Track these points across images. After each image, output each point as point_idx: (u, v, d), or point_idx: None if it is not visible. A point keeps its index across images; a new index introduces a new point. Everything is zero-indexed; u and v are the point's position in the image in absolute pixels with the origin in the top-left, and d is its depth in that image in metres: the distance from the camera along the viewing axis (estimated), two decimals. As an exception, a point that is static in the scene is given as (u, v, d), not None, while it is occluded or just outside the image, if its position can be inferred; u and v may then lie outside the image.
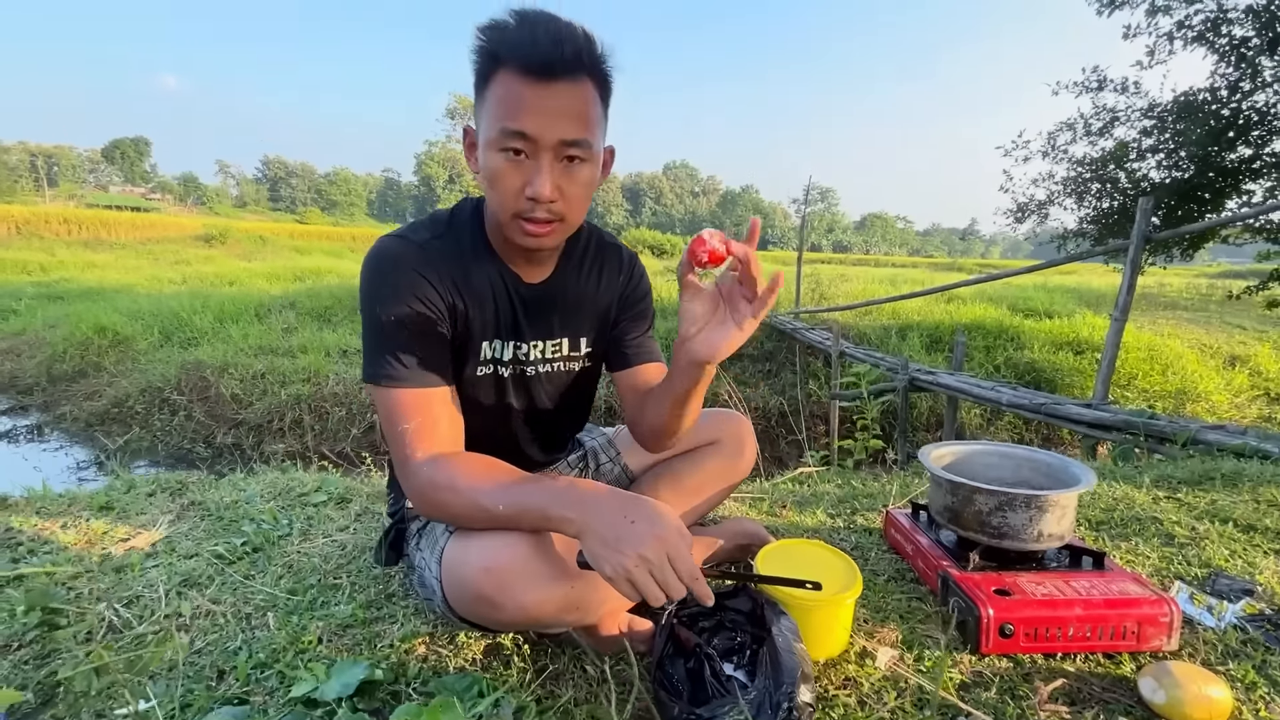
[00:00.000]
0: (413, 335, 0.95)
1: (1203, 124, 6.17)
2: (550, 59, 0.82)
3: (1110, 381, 3.78)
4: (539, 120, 0.84)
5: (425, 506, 0.94)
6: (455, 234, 1.01)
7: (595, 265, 1.14)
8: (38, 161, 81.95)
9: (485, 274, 1.01)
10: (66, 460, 6.27)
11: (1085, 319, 10.11)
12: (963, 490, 1.25)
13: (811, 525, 1.66)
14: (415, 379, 0.95)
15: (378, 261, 0.96)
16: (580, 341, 1.15)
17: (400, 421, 0.94)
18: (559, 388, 1.17)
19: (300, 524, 1.65)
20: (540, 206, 0.88)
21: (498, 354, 1.06)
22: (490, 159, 0.87)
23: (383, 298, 0.94)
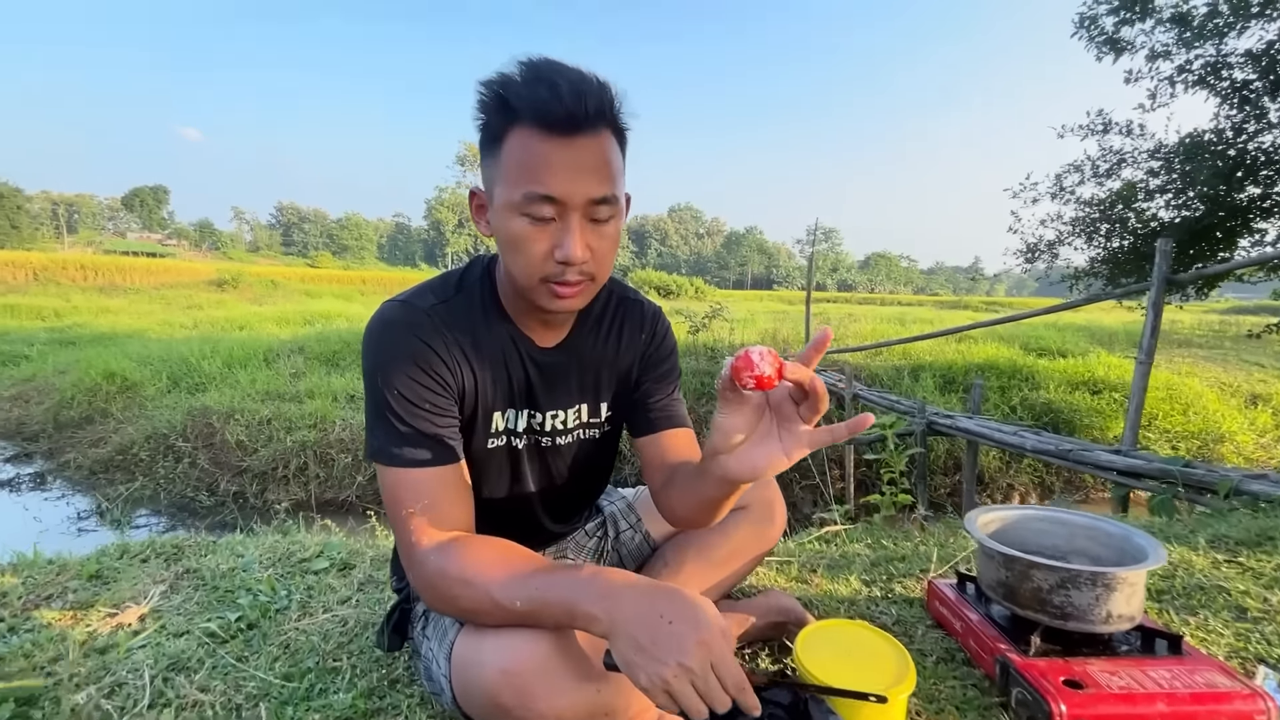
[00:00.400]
0: (419, 409, 0.88)
1: (1210, 164, 6.18)
2: (573, 112, 0.76)
3: (1138, 427, 3.65)
4: (566, 180, 0.78)
5: (434, 600, 0.85)
6: (465, 297, 0.95)
7: (615, 324, 1.07)
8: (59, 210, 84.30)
9: (497, 339, 0.95)
10: (68, 510, 6.16)
11: (1100, 358, 9.97)
12: (1018, 565, 1.15)
13: (846, 595, 1.55)
14: (421, 457, 0.87)
15: (381, 330, 0.89)
16: (600, 406, 1.07)
17: (405, 504, 0.86)
18: (578, 457, 1.10)
19: (300, 595, 1.55)
20: (571, 269, 0.83)
21: (511, 425, 1.00)
22: (512, 224, 0.81)
23: (386, 369, 0.87)
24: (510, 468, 1.04)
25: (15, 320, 15.90)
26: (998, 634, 1.18)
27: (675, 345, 1.14)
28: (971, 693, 1.13)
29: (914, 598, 1.52)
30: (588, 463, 1.12)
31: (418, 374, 0.87)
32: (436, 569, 0.83)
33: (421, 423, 0.87)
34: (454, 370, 0.91)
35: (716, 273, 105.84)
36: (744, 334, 11.60)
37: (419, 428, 0.87)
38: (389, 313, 0.90)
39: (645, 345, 1.09)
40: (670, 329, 1.15)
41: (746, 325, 13.21)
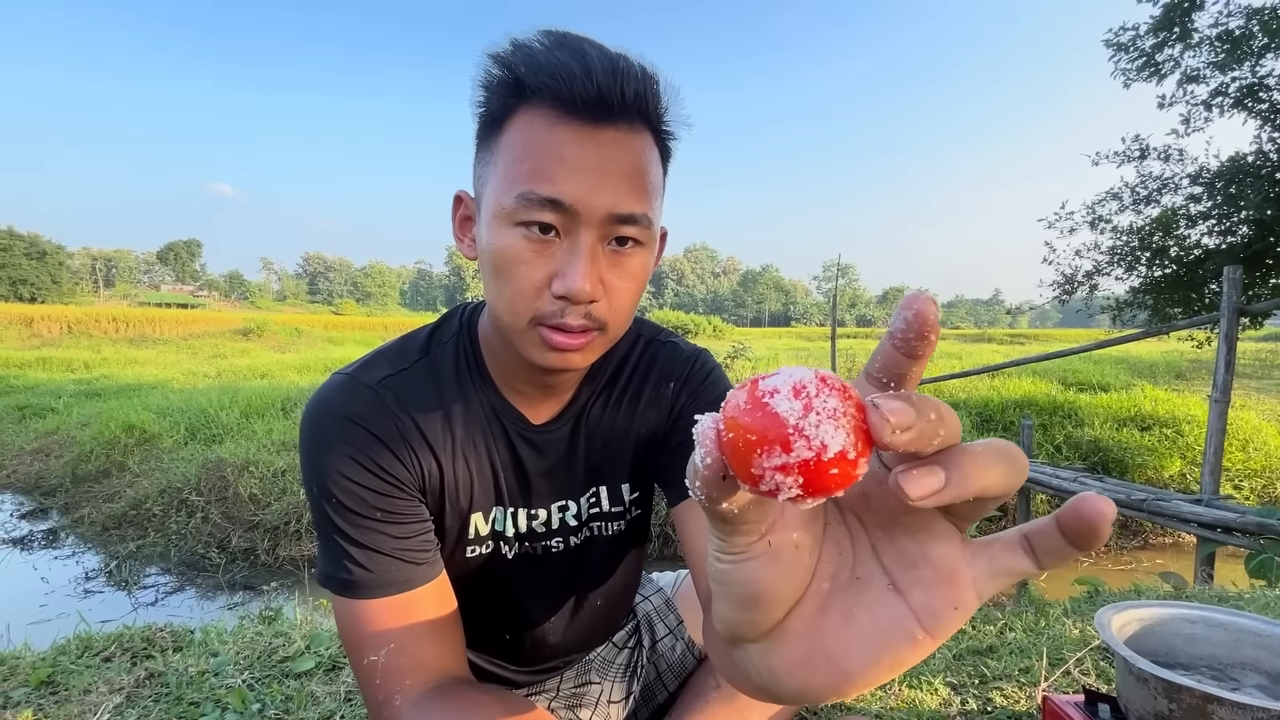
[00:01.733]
0: (367, 521, 0.65)
1: (1257, 188, 5.90)
2: (604, 93, 0.55)
3: (1220, 473, 3.30)
4: (582, 181, 0.56)
5: None
6: (430, 363, 0.71)
7: (637, 376, 0.79)
8: (97, 265, 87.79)
9: (474, 416, 0.71)
10: (76, 570, 5.99)
11: (1146, 391, 9.50)
12: (1188, 696, 0.86)
13: (934, 707, 1.26)
14: (383, 585, 0.64)
15: (314, 418, 0.67)
16: (622, 490, 0.80)
17: (367, 649, 0.63)
18: (595, 560, 0.83)
19: (275, 710, 1.30)
20: (574, 309, 0.59)
21: (499, 527, 0.75)
22: (500, 237, 0.58)
23: (320, 471, 0.64)
24: (499, 583, 0.78)
25: (46, 373, 16.18)
26: (1162, 787, 0.89)
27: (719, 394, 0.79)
28: None
29: (1022, 712, 1.23)
30: (610, 566, 0.85)
31: (360, 474, 0.64)
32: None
33: (374, 538, 0.64)
34: (409, 464, 0.67)
35: (734, 311, 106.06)
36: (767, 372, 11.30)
37: (373, 545, 0.64)
38: (327, 395, 0.68)
39: (676, 395, 0.79)
40: (718, 371, 0.83)
41: (770, 364, 12.93)
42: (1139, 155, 6.39)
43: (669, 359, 0.81)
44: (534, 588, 0.80)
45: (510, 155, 0.57)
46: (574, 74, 0.54)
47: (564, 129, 0.56)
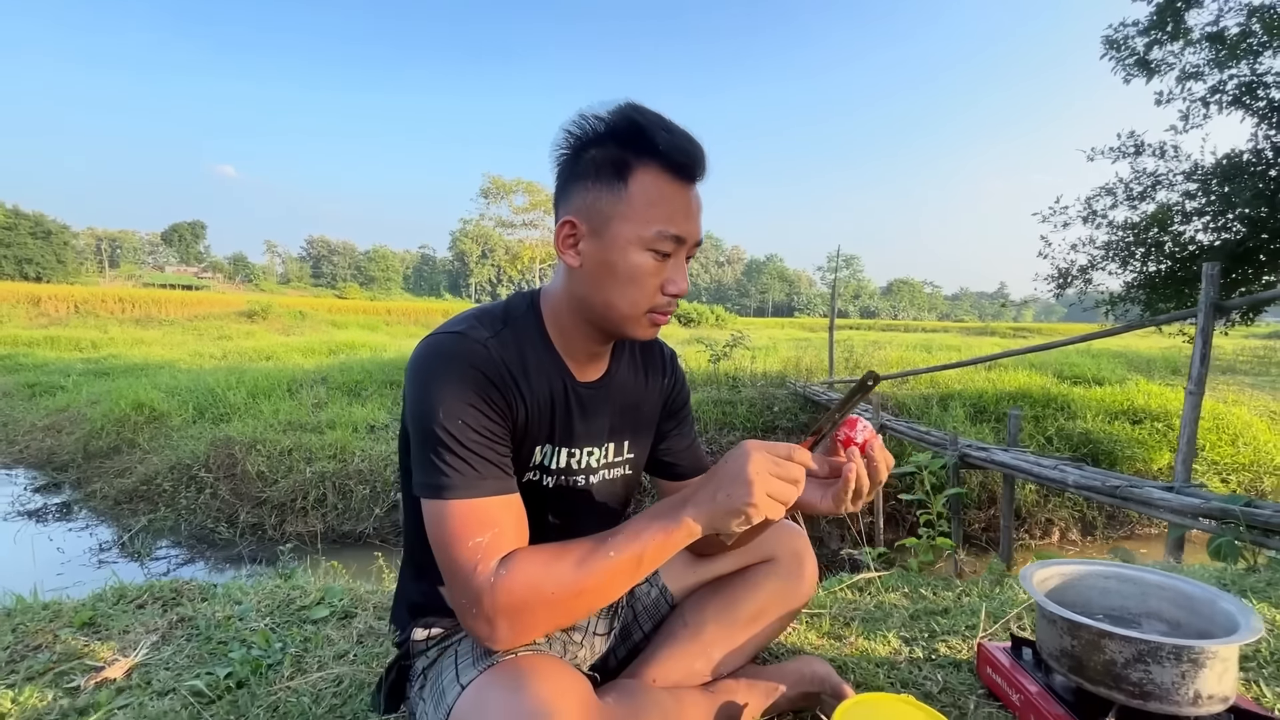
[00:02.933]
0: (484, 438, 0.83)
1: (1250, 185, 5.96)
2: (699, 163, 0.85)
3: (1192, 461, 3.43)
4: (690, 223, 0.85)
5: (511, 613, 0.77)
6: (514, 331, 0.91)
7: (642, 361, 1.07)
8: (102, 245, 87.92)
9: (545, 372, 0.93)
10: (90, 541, 6.19)
11: (1139, 385, 9.61)
12: (1086, 633, 1.01)
13: (885, 655, 1.40)
14: (488, 486, 0.82)
15: (437, 362, 0.84)
16: (625, 445, 1.04)
17: (472, 535, 0.79)
18: (602, 500, 1.04)
19: (295, 648, 1.46)
20: (674, 301, 0.89)
21: (546, 461, 0.95)
22: (636, 258, 0.85)
23: (446, 401, 0.82)
24: (536, 508, 0.96)
25: (55, 351, 16.39)
26: (1064, 713, 1.03)
27: (689, 390, 1.18)
28: (1037, 782, 0.99)
29: (962, 660, 1.37)
30: (609, 504, 1.06)
31: (481, 404, 0.84)
32: (509, 578, 0.77)
33: (487, 451, 0.83)
34: (511, 402, 0.88)
35: (737, 300, 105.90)
36: (765, 362, 11.45)
37: (486, 456, 0.83)
38: (444, 343, 0.86)
39: (669, 389, 1.11)
40: (684, 372, 1.17)
41: (769, 354, 13.06)
42: (1134, 151, 6.44)
43: (659, 355, 1.11)
44: (560, 514, 1.00)
45: (644, 201, 0.83)
46: (687, 150, 0.83)
47: (678, 186, 0.84)
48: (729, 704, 1.08)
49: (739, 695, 1.11)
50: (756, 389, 9.30)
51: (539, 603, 0.77)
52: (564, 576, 0.77)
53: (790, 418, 8.42)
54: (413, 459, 0.85)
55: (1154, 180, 6.45)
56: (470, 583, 0.78)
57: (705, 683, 1.13)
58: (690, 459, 1.13)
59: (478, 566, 0.78)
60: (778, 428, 8.24)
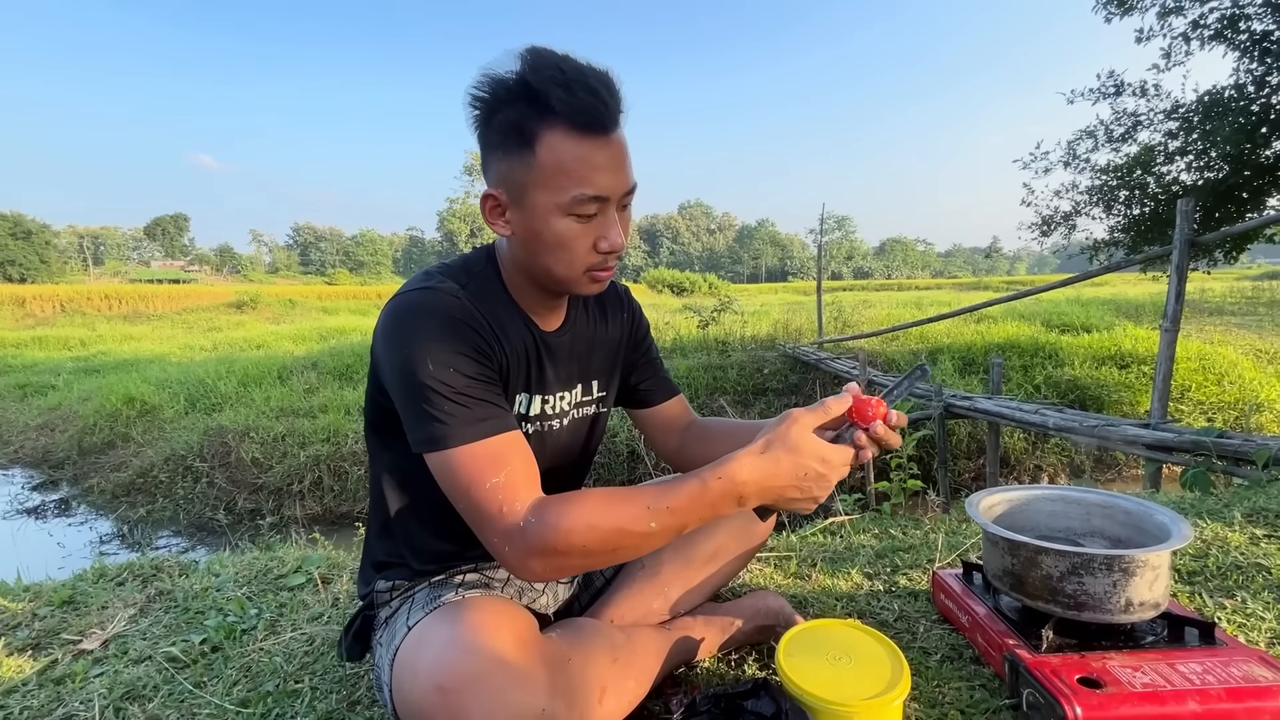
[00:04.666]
0: (478, 382, 0.84)
1: (1232, 122, 5.91)
2: (612, 113, 0.80)
3: (1167, 398, 3.47)
4: (610, 179, 0.82)
5: (549, 561, 0.78)
6: (479, 284, 0.92)
7: (598, 304, 1.10)
8: (85, 243, 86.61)
9: (514, 325, 0.94)
10: (90, 535, 6.25)
11: (1126, 331, 9.65)
12: (1024, 551, 1.03)
13: (846, 590, 1.44)
14: (489, 427, 0.82)
15: (416, 315, 0.84)
16: (593, 385, 1.08)
17: (488, 476, 0.79)
18: (574, 439, 1.07)
19: (270, 613, 1.49)
20: (612, 256, 0.88)
21: (523, 409, 0.97)
22: (559, 225, 0.83)
23: (433, 350, 0.81)
24: None
25: (44, 351, 16.28)
26: (1006, 628, 1.06)
27: (648, 320, 1.21)
28: (979, 694, 1.02)
29: (920, 590, 1.41)
30: (580, 444, 1.09)
31: (468, 350, 0.84)
32: (550, 526, 0.77)
33: (482, 393, 0.84)
34: (495, 350, 0.89)
35: (730, 268, 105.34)
36: (756, 326, 11.45)
37: (482, 398, 0.83)
38: (418, 300, 0.85)
39: (629, 325, 1.14)
40: (641, 305, 1.19)
41: (760, 317, 13.05)
42: (1114, 92, 6.35)
43: (613, 294, 1.13)
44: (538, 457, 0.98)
45: (553, 168, 0.79)
46: (592, 105, 0.77)
47: (590, 142, 0.79)
48: (684, 639, 1.11)
49: (695, 631, 1.14)
50: (746, 353, 9.32)
51: (574, 551, 0.78)
52: (608, 536, 0.78)
53: (780, 379, 8.46)
54: (404, 420, 0.84)
55: (1135, 121, 6.39)
56: (499, 525, 0.78)
57: (663, 621, 1.16)
58: (661, 385, 1.17)
59: (503, 508, 0.78)
60: (768, 389, 8.29)
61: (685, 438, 1.16)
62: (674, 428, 1.17)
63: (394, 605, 1.00)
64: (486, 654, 0.74)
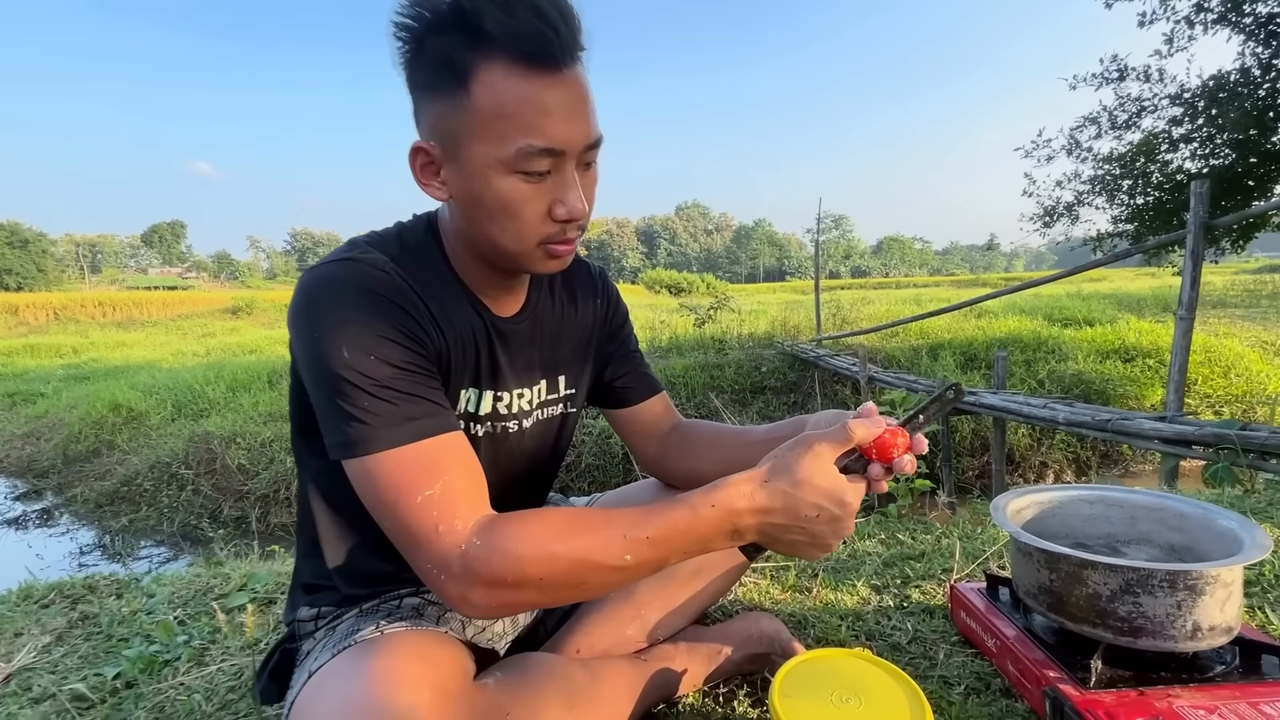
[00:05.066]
0: (408, 373, 0.68)
1: (1238, 107, 5.75)
2: (565, 41, 0.63)
3: (1184, 390, 3.30)
4: (566, 128, 0.65)
5: (496, 596, 0.63)
6: (414, 257, 0.76)
7: (565, 288, 0.93)
8: (82, 251, 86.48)
9: (458, 306, 0.78)
10: (70, 545, 6.07)
11: (1130, 324, 9.49)
12: (1066, 564, 0.86)
13: (851, 606, 1.27)
14: (421, 427, 0.66)
15: (329, 290, 0.68)
16: (559, 381, 0.91)
17: (419, 488, 0.63)
18: (538, 444, 0.92)
19: (202, 639, 1.31)
20: (572, 225, 0.71)
21: (472, 407, 0.81)
22: (503, 185, 0.66)
23: (347, 336, 0.65)
24: None
25: (35, 359, 16.08)
26: (1044, 656, 0.89)
27: (627, 307, 1.03)
28: (1014, 736, 0.86)
29: (936, 606, 1.24)
30: (544, 449, 0.93)
31: (394, 333, 0.68)
32: (499, 552, 0.61)
33: (412, 386, 0.68)
34: (429, 333, 0.73)
35: (728, 268, 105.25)
36: (754, 324, 11.28)
37: (411, 392, 0.67)
38: (335, 273, 0.69)
39: (604, 311, 0.97)
40: (617, 289, 1.02)
41: (758, 316, 12.88)
42: (1117, 77, 6.19)
43: (585, 275, 0.96)
44: (490, 465, 0.84)
45: (493, 112, 0.63)
46: (537, 30, 0.60)
47: (536, 81, 0.62)
48: (663, 671, 0.94)
49: (676, 661, 0.97)
50: (744, 351, 9.15)
51: (527, 584, 0.62)
52: (572, 569, 0.62)
53: (778, 377, 8.29)
54: (319, 418, 0.68)
55: (1139, 106, 6.22)
56: (434, 549, 0.63)
57: (640, 649, 0.99)
58: (641, 382, 1.00)
59: (439, 528, 0.62)
60: (766, 388, 8.12)
61: (666, 443, 1.00)
62: (654, 431, 1.01)
63: (318, 637, 0.83)
64: (391, 715, 0.58)
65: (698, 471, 0.94)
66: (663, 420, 1.02)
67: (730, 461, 0.86)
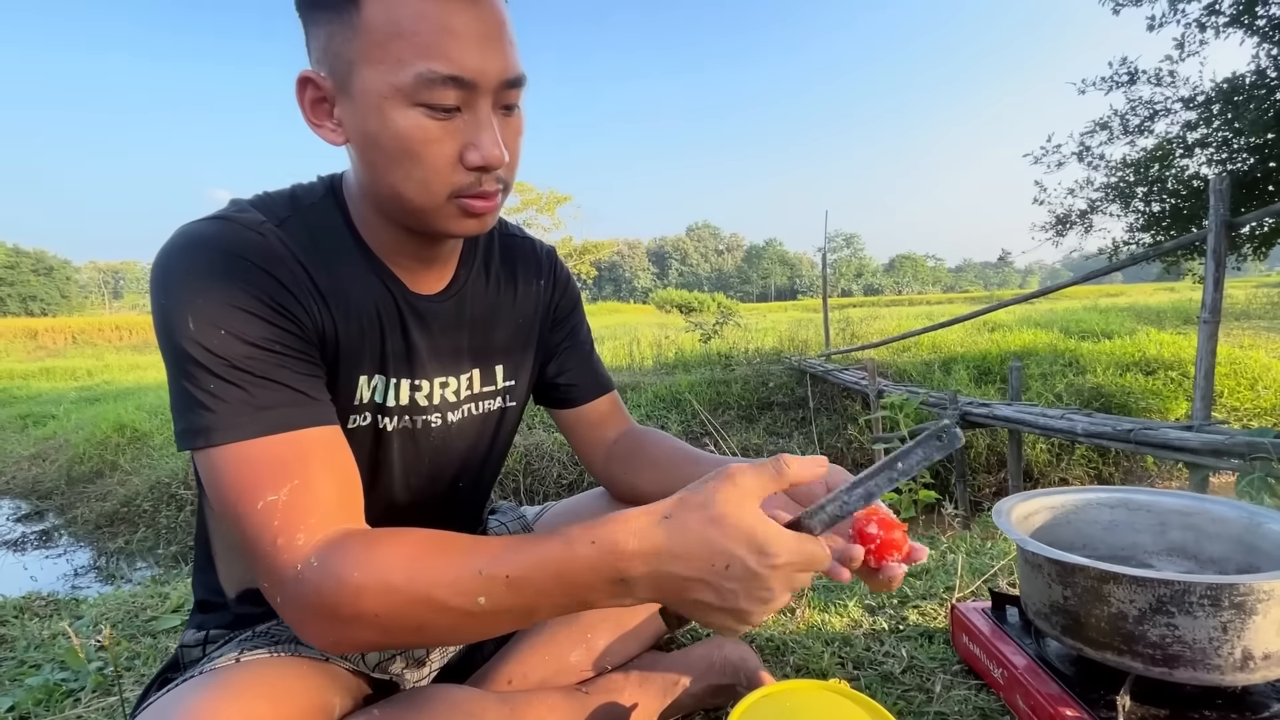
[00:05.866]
0: (255, 353, 0.57)
1: (1254, 110, 5.59)
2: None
3: (1211, 398, 3.11)
4: (477, 53, 0.56)
5: (329, 629, 0.52)
6: (306, 221, 0.65)
7: (506, 265, 0.82)
8: (105, 277, 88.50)
9: (360, 279, 0.67)
10: (65, 567, 5.99)
11: (1151, 335, 9.23)
12: (1082, 577, 0.72)
13: (839, 629, 1.12)
14: (274, 418, 0.55)
15: (192, 255, 0.57)
16: (495, 371, 0.80)
17: (261, 493, 0.53)
18: (469, 443, 0.80)
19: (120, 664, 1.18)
20: (489, 175, 0.60)
21: (379, 397, 0.71)
22: (402, 120, 0.56)
23: (196, 305, 0.55)
24: (372, 459, 0.72)
25: (50, 382, 16.26)
26: (1059, 690, 0.74)
27: (579, 292, 0.92)
28: (1025, 791, 0.70)
29: (936, 629, 1.08)
30: (479, 448, 0.82)
31: (257, 307, 0.57)
32: (334, 579, 0.50)
33: (270, 369, 0.57)
34: (308, 308, 0.62)
35: (739, 287, 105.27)
36: (762, 340, 11.14)
37: (268, 375, 0.57)
38: (197, 232, 0.59)
39: (549, 293, 0.86)
40: (571, 275, 0.92)
41: (766, 333, 12.74)
42: (1128, 80, 6.05)
43: (530, 253, 0.85)
44: (409, 465, 0.75)
45: (387, 31, 0.54)
46: None
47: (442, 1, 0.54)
48: (607, 706, 0.81)
49: (625, 694, 0.83)
50: (751, 366, 9.00)
51: (363, 620, 0.50)
52: (412, 608, 0.50)
53: (786, 392, 8.11)
54: (171, 402, 0.58)
55: (1151, 110, 6.07)
56: (269, 564, 0.52)
57: (584, 679, 0.85)
58: (590, 380, 0.89)
59: (277, 540, 0.52)
60: (773, 403, 7.94)
61: (612, 452, 0.88)
62: (600, 437, 0.89)
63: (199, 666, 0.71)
64: None
65: (640, 489, 0.82)
66: (610, 425, 0.90)
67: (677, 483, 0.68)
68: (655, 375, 9.08)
